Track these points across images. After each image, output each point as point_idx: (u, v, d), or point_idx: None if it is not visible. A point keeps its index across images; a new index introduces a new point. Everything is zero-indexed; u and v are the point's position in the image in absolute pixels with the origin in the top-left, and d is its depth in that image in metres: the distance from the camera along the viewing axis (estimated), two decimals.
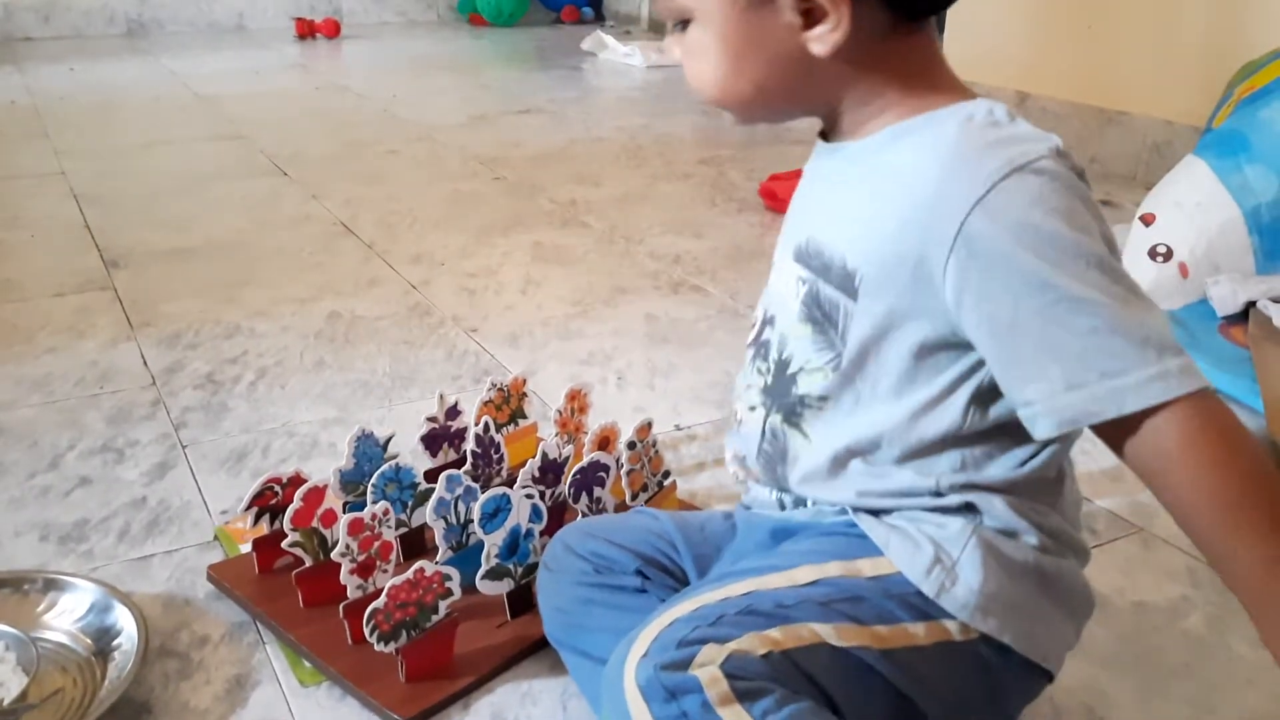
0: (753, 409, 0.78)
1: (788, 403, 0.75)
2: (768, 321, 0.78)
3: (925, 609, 0.69)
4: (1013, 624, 0.70)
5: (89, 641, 0.95)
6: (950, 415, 0.69)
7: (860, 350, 0.70)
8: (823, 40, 0.67)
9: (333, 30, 4.40)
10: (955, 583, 0.69)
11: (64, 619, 0.96)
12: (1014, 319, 0.62)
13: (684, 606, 0.69)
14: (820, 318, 0.72)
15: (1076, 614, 0.75)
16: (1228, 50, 2.14)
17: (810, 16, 0.67)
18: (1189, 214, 1.62)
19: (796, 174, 2.63)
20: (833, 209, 0.73)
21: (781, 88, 0.72)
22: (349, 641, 0.93)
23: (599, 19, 4.92)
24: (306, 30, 4.36)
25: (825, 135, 0.77)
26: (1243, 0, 2.33)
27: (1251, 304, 1.54)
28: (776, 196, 2.20)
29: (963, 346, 0.67)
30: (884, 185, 0.68)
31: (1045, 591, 0.71)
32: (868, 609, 0.69)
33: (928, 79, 0.71)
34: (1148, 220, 1.63)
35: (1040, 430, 0.64)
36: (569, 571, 0.86)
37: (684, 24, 0.73)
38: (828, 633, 0.68)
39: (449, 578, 0.91)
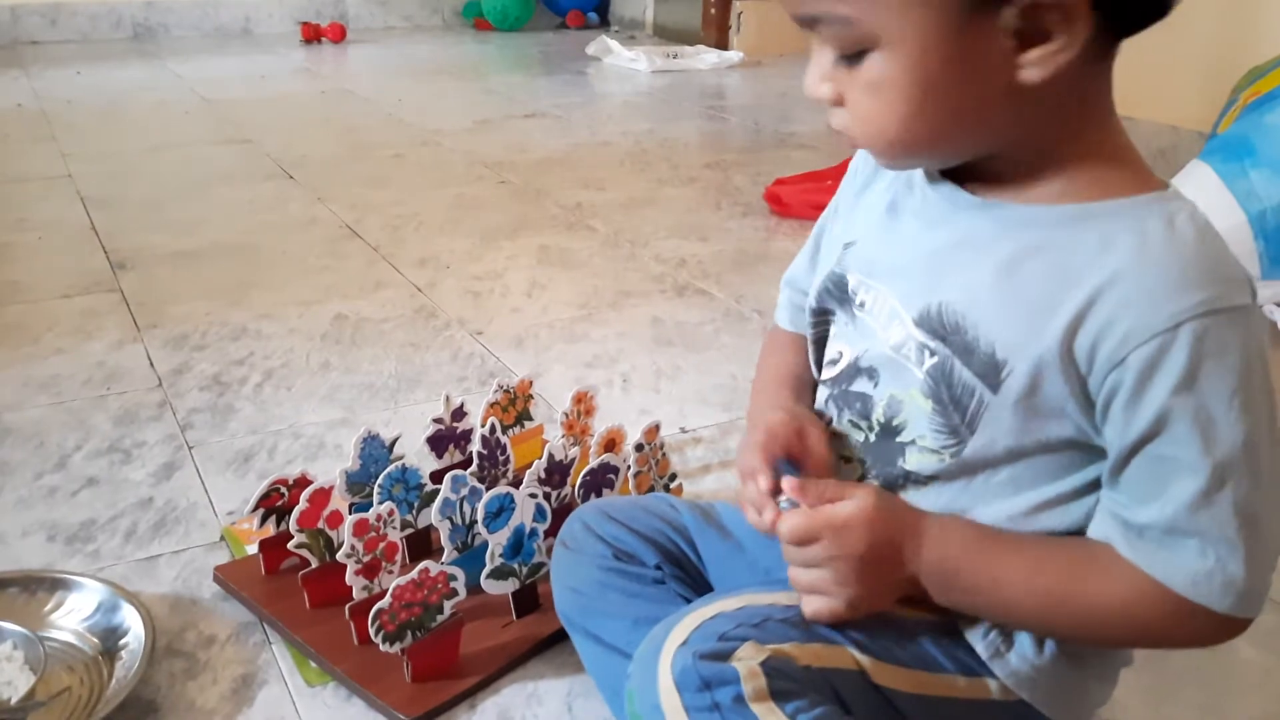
0: (847, 461, 0.72)
1: (891, 474, 0.69)
2: (864, 372, 0.70)
3: (970, 663, 0.69)
4: (1055, 695, 0.69)
5: (96, 641, 0.95)
6: (1077, 513, 0.65)
7: (988, 443, 0.64)
8: (1043, 64, 0.58)
9: (338, 35, 4.40)
10: (1010, 650, 0.68)
11: (71, 618, 0.97)
12: (1140, 451, 0.60)
13: (729, 602, 0.69)
14: (948, 399, 0.65)
15: (1115, 675, 0.74)
16: (1233, 56, 2.15)
17: (1025, 37, 0.58)
18: None
19: (802, 178, 2.62)
20: (982, 282, 0.64)
21: (964, 128, 0.62)
22: (355, 642, 0.93)
23: (604, 24, 4.93)
24: (312, 35, 4.37)
25: (956, 177, 0.67)
26: (1248, 6, 2.34)
27: None
28: (781, 201, 2.20)
29: (1100, 451, 0.63)
30: (1060, 273, 0.61)
31: (1093, 668, 0.71)
32: (911, 652, 0.68)
33: (1108, 133, 0.64)
34: None
35: (1115, 541, 0.63)
36: (587, 553, 0.84)
37: (856, 55, 0.61)
38: (868, 664, 0.67)
39: (454, 578, 0.91)
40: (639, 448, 1.10)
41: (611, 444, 1.14)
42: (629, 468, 1.09)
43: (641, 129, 3.03)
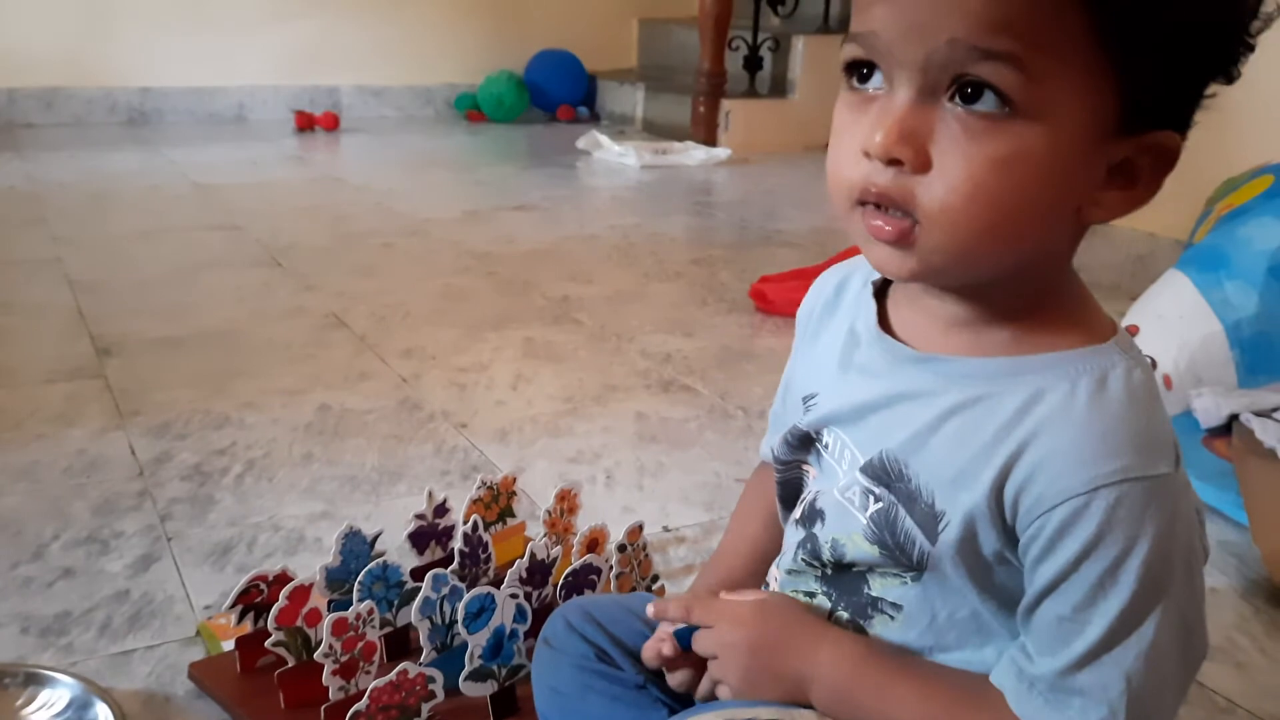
0: (811, 596, 0.72)
1: (858, 602, 0.69)
2: (818, 514, 0.71)
3: None
4: None
5: None
6: None
7: (941, 580, 0.64)
8: (1113, 207, 0.59)
9: (331, 123, 4.46)
10: None
11: (43, 714, 0.95)
12: (1042, 604, 0.61)
13: (710, 718, 0.68)
14: (892, 544, 0.65)
15: None
16: (1209, 166, 2.19)
17: (1115, 173, 0.58)
18: (1172, 327, 1.64)
19: (788, 275, 2.63)
20: (923, 433, 0.64)
21: (1027, 243, 0.59)
22: None
23: (594, 118, 5.01)
24: (306, 123, 4.43)
25: (885, 321, 0.68)
26: (1223, 119, 2.39)
27: (1234, 417, 1.55)
28: (767, 298, 2.23)
29: None
30: (992, 426, 0.61)
31: None
32: None
33: (1069, 278, 0.64)
34: (1132, 332, 1.65)
35: (1006, 691, 0.63)
36: (569, 653, 0.83)
37: (994, 116, 0.54)
38: None
39: (432, 680, 0.90)
40: (621, 548, 1.10)
41: (594, 544, 1.13)
42: (611, 568, 1.08)
43: (629, 223, 3.07)
